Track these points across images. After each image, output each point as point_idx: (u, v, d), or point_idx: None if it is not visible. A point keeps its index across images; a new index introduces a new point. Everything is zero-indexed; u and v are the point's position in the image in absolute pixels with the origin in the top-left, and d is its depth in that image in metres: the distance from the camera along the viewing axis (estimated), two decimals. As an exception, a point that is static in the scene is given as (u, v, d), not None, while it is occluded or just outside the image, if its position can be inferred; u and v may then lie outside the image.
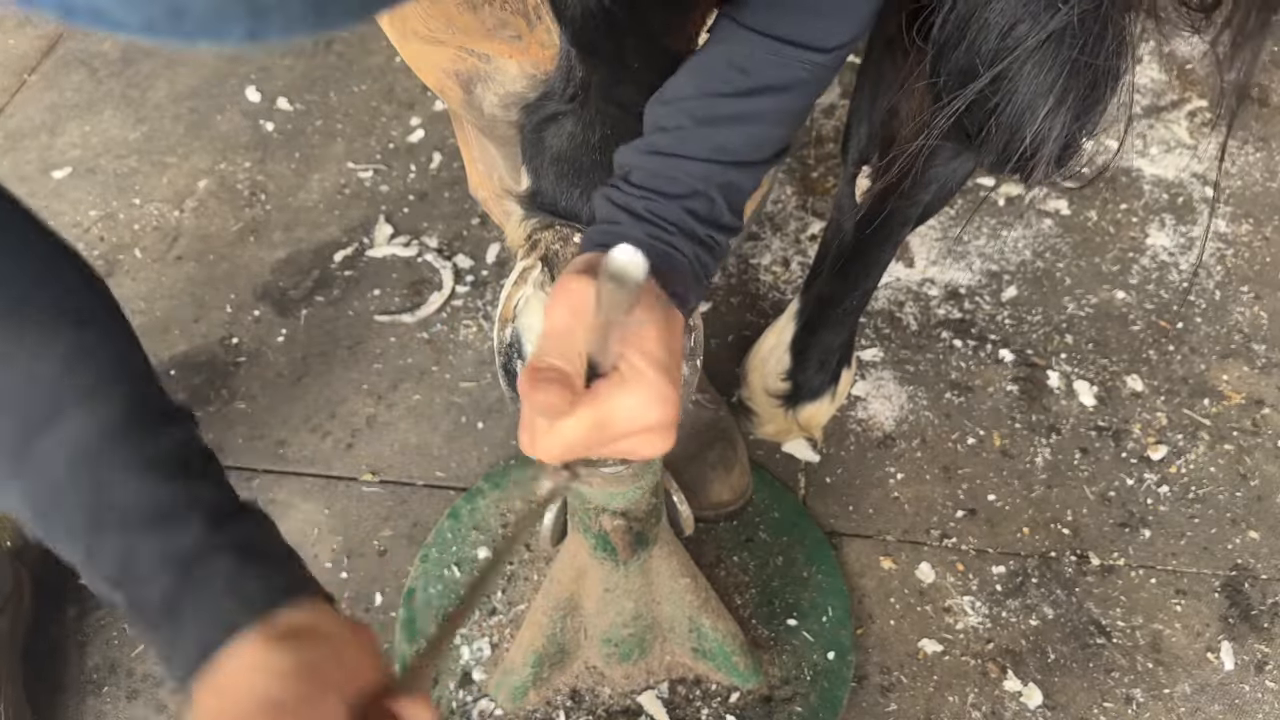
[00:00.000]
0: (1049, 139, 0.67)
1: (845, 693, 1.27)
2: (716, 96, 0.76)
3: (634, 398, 0.65)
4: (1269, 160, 1.88)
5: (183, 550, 0.58)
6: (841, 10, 0.75)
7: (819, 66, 0.76)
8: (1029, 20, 0.63)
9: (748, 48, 0.75)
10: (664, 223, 0.75)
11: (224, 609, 0.58)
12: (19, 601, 1.29)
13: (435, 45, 0.85)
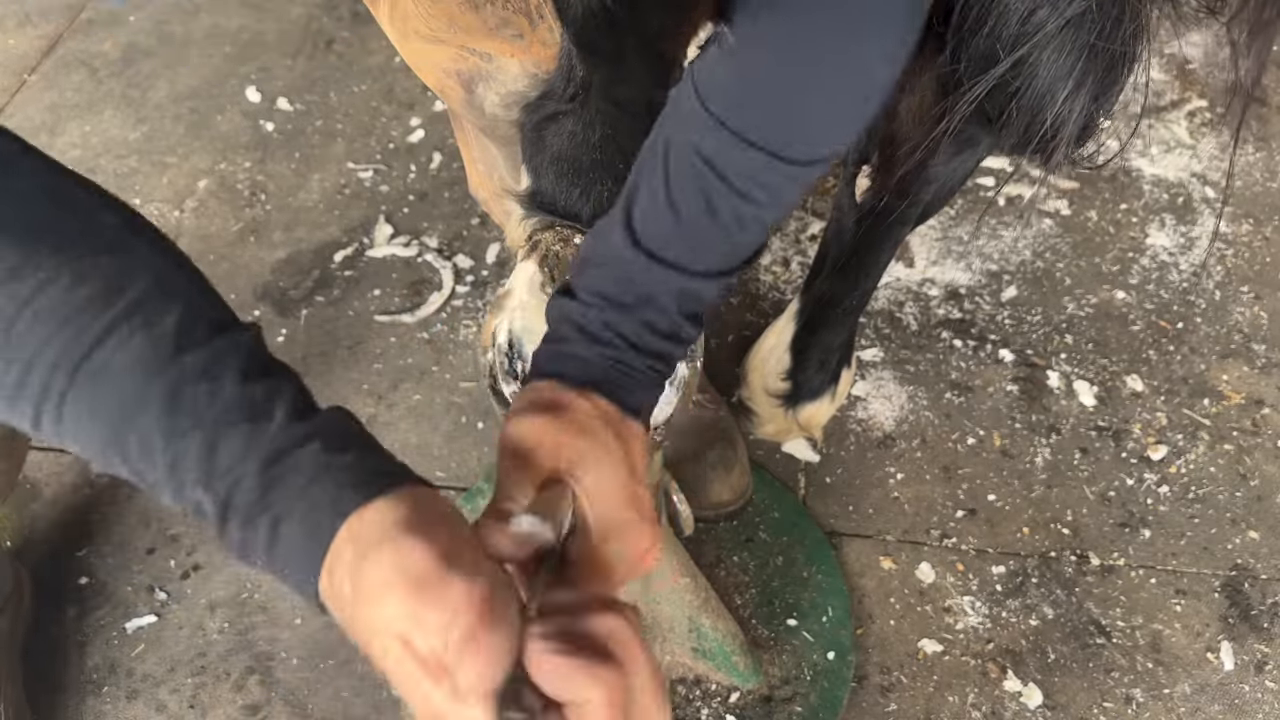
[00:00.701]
0: (1069, 120, 0.68)
1: (845, 693, 1.27)
2: (687, 198, 0.74)
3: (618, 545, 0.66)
4: (1269, 160, 1.89)
5: (268, 442, 0.56)
6: (829, 127, 0.73)
7: (796, 178, 0.74)
8: (1048, 5, 0.63)
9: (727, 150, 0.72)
10: (618, 340, 0.73)
11: (323, 495, 0.56)
12: (19, 601, 1.29)
13: (436, 44, 0.85)
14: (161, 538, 1.42)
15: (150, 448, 0.56)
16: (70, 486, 1.47)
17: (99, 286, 0.56)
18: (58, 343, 0.55)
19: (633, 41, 0.75)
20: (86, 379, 0.56)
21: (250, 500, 0.56)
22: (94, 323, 0.56)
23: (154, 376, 0.56)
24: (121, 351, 0.56)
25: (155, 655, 1.32)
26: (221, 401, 0.56)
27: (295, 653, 1.32)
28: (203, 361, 0.57)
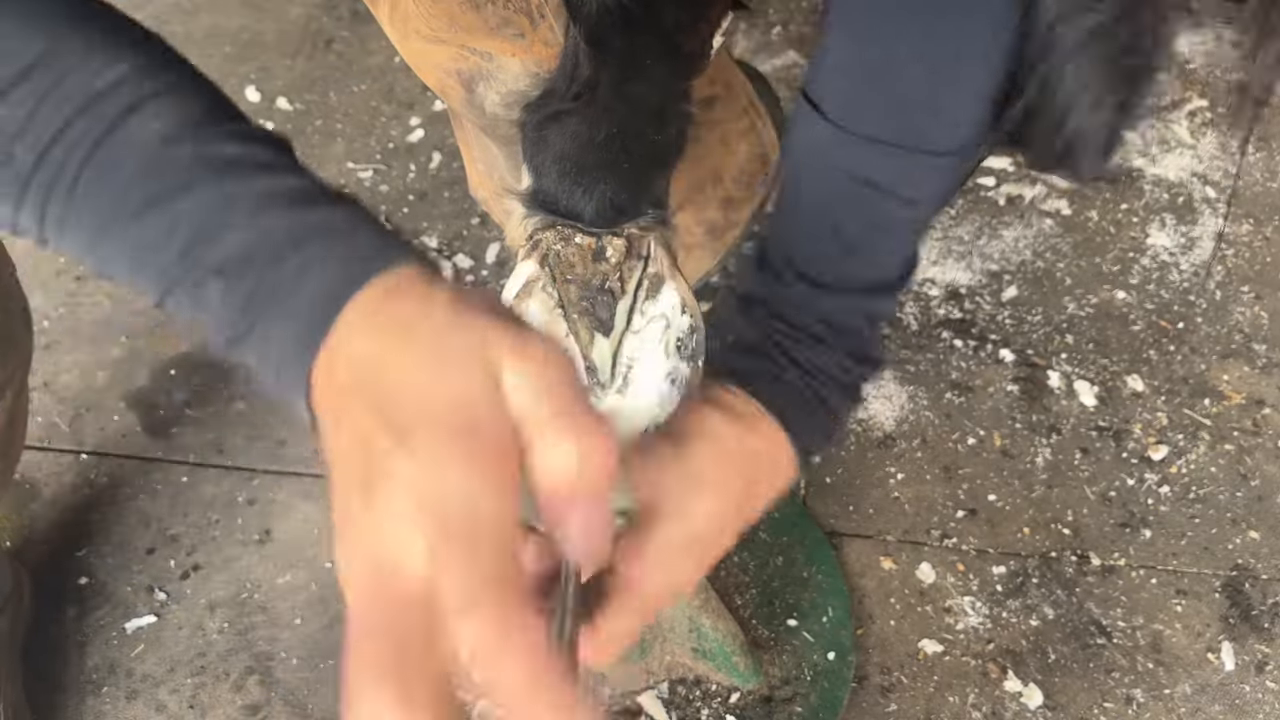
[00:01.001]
0: (1094, 133, 0.68)
1: (845, 693, 1.27)
2: (846, 216, 0.74)
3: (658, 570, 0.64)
4: (1269, 160, 1.88)
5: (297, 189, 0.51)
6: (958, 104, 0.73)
7: (944, 170, 0.74)
8: (1067, 20, 0.63)
9: (872, 158, 0.72)
10: (818, 373, 0.73)
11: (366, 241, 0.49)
12: (19, 601, 1.28)
13: (437, 44, 0.85)
14: (161, 538, 1.42)
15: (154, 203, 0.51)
16: (70, 486, 1.47)
17: (127, 70, 0.53)
18: (80, 124, 0.52)
19: (649, 39, 0.75)
20: (103, 154, 0.51)
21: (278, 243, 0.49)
22: (120, 103, 0.52)
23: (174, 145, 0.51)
24: (144, 128, 0.51)
25: (155, 655, 1.32)
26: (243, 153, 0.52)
27: (295, 653, 1.32)
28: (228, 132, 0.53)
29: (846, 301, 0.75)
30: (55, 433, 1.52)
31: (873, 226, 0.74)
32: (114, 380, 1.58)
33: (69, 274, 1.70)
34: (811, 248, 0.75)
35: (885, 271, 0.76)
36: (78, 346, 1.62)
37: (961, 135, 0.74)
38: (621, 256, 0.88)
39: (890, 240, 0.76)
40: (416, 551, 0.43)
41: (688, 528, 0.64)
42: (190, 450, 1.51)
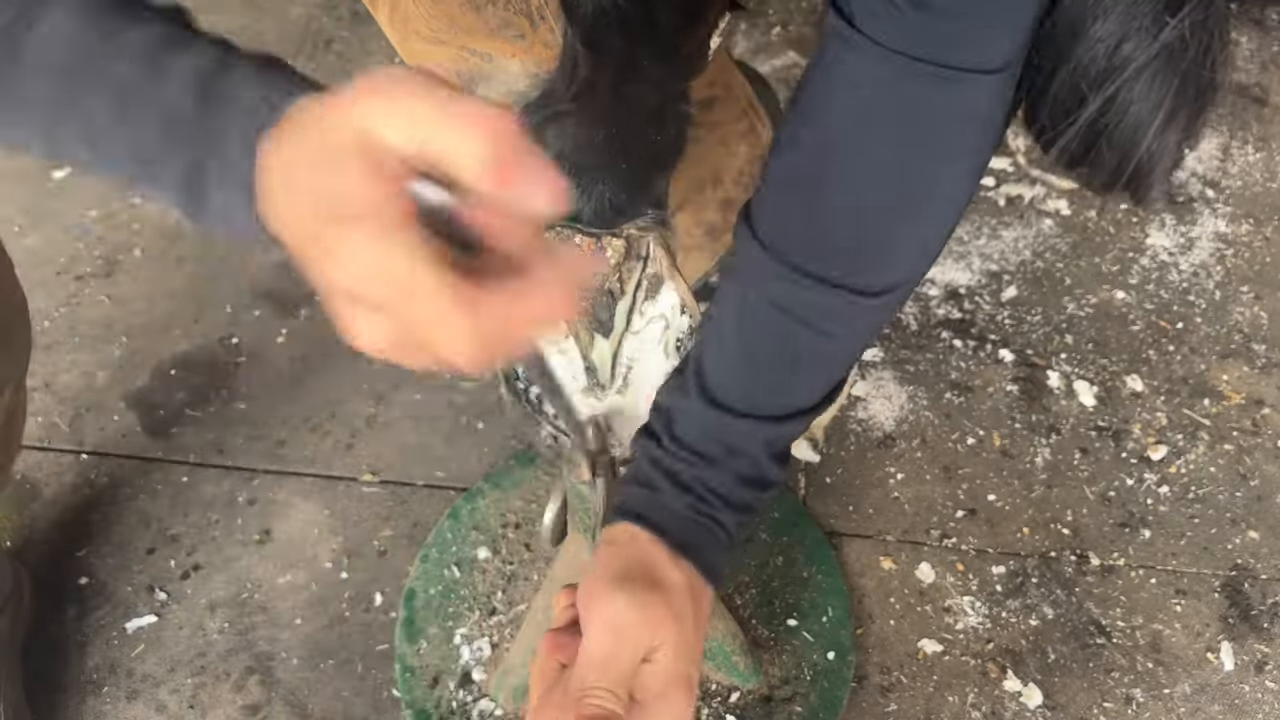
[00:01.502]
0: (1164, 154, 0.66)
1: (845, 693, 1.27)
2: (764, 342, 0.73)
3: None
4: (1269, 160, 1.89)
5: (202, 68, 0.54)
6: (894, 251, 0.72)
7: (873, 310, 0.73)
8: (1135, 36, 0.61)
9: (796, 290, 0.71)
10: (708, 493, 0.73)
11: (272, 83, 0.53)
12: (19, 601, 1.28)
13: (437, 45, 0.85)
14: (161, 538, 1.42)
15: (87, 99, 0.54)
16: (70, 486, 1.47)
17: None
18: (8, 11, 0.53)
19: (646, 40, 0.75)
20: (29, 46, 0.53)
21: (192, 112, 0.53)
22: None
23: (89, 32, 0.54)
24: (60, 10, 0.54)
25: (155, 655, 1.32)
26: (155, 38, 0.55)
27: (295, 653, 1.32)
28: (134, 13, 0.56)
29: (748, 427, 0.74)
30: (55, 433, 1.53)
31: (789, 356, 0.74)
32: (114, 380, 1.58)
33: (69, 274, 1.70)
34: (724, 368, 0.75)
35: (797, 400, 0.75)
36: (78, 346, 1.62)
37: (894, 278, 0.73)
38: (621, 257, 0.89)
39: (806, 372, 0.75)
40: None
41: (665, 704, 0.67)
42: (190, 450, 1.51)
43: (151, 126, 0.53)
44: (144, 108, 0.53)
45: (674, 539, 0.72)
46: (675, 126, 0.84)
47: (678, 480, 0.74)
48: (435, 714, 1.25)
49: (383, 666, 1.31)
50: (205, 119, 0.53)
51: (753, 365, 0.74)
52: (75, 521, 1.44)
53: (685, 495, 0.73)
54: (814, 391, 0.76)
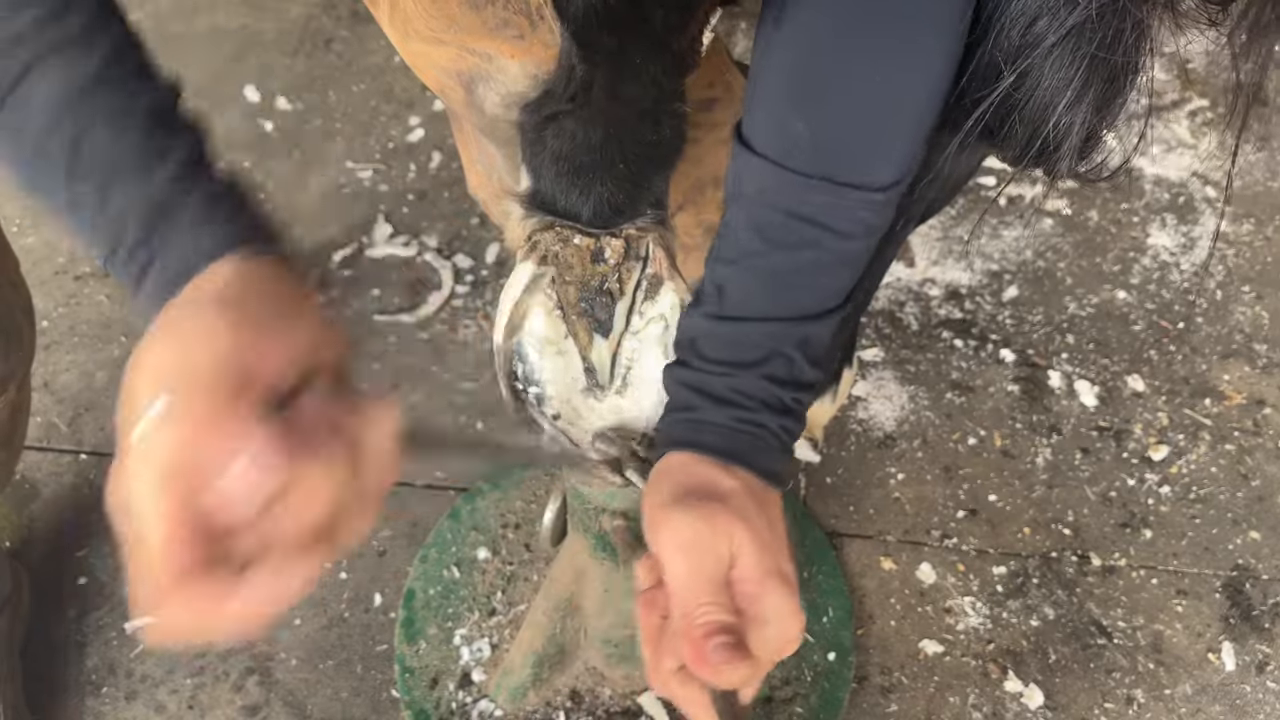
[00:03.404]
0: (1071, 132, 0.67)
1: (846, 693, 1.26)
2: (778, 249, 0.74)
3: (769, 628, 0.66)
4: (1270, 160, 1.88)
5: (152, 195, 0.58)
6: (891, 144, 0.73)
7: (878, 205, 0.74)
8: (1048, 16, 0.63)
9: (803, 193, 0.73)
10: (746, 399, 0.73)
11: (187, 250, 0.57)
12: (18, 602, 1.28)
13: (437, 45, 0.84)
14: (161, 538, 1.42)
15: (55, 183, 0.59)
16: (70, 486, 1.47)
17: (36, 17, 0.58)
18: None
19: (637, 37, 0.75)
20: (10, 110, 0.58)
21: (132, 242, 0.58)
22: (24, 54, 0.57)
23: (65, 116, 0.58)
24: (42, 85, 0.58)
25: (154, 656, 1.32)
26: (121, 148, 0.58)
27: (295, 653, 1.32)
28: (113, 107, 0.59)
29: (775, 329, 0.75)
30: (55, 433, 1.52)
31: (807, 260, 0.75)
32: (114, 380, 1.58)
33: (69, 274, 1.70)
34: (743, 284, 0.76)
35: (819, 301, 0.76)
36: (78, 346, 1.62)
37: (895, 171, 0.74)
38: (620, 258, 0.88)
39: (826, 273, 0.76)
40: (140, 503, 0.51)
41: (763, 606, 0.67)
42: (190, 450, 1.51)
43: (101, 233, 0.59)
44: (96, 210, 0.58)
45: (720, 450, 0.72)
46: (671, 125, 0.84)
47: (713, 395, 0.74)
48: (435, 714, 1.25)
49: (382, 667, 1.31)
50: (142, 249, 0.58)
51: (772, 275, 0.75)
52: (75, 521, 1.44)
53: (724, 408, 0.73)
54: (837, 292, 0.77)
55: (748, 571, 0.67)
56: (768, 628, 0.67)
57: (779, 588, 0.67)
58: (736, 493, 0.70)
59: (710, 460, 0.72)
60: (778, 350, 0.75)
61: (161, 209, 0.58)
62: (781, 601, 0.67)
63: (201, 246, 0.57)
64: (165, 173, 0.58)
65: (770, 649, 0.67)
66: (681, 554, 0.66)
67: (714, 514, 0.68)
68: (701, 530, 0.66)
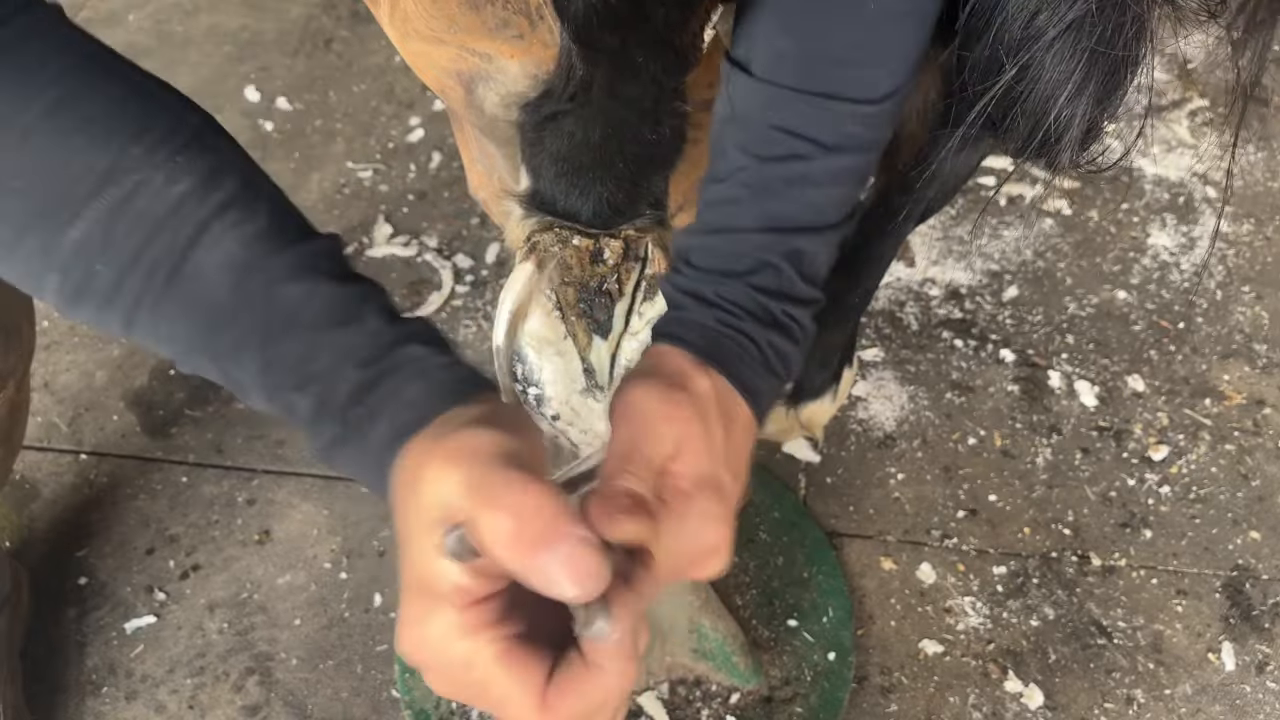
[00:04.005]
0: (1072, 125, 0.68)
1: (846, 693, 1.26)
2: (767, 162, 0.74)
3: (685, 529, 0.63)
4: (1270, 160, 1.88)
5: (366, 344, 0.57)
6: (881, 57, 0.73)
7: (870, 118, 0.74)
8: (1049, 9, 0.63)
9: (790, 108, 0.73)
10: (731, 304, 0.73)
11: (418, 394, 0.56)
12: (18, 602, 1.28)
13: (436, 45, 0.84)
14: (161, 538, 1.42)
15: (243, 348, 0.57)
16: (70, 486, 1.47)
17: (192, 185, 0.57)
18: (156, 245, 0.56)
19: (638, 36, 0.75)
20: (181, 281, 0.56)
21: (347, 397, 0.56)
22: (188, 223, 0.56)
23: (248, 277, 0.56)
24: (216, 250, 0.56)
25: (154, 656, 1.32)
26: (317, 303, 0.57)
27: (295, 653, 1.32)
28: (295, 262, 0.57)
29: (766, 239, 0.75)
30: (55, 433, 1.52)
31: (799, 175, 0.75)
32: (114, 380, 1.58)
33: (69, 274, 1.70)
34: (735, 198, 0.76)
35: (810, 216, 0.76)
36: (78, 346, 1.62)
37: (886, 84, 0.74)
38: (619, 258, 0.88)
39: (821, 189, 0.76)
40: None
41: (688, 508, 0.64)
42: (190, 450, 1.51)
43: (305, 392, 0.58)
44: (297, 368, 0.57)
45: (699, 348, 0.71)
46: (672, 124, 0.84)
47: (701, 297, 0.73)
48: (435, 714, 1.25)
49: (382, 666, 1.31)
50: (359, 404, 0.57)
51: (760, 187, 0.75)
52: (75, 521, 1.44)
53: (709, 309, 0.73)
54: (829, 207, 0.77)
55: (684, 468, 0.64)
56: (684, 528, 0.63)
57: (709, 497, 0.64)
58: (704, 392, 0.68)
59: (689, 357, 0.70)
60: (765, 260, 0.74)
61: (381, 355, 0.57)
62: (707, 510, 0.64)
63: (434, 393, 0.56)
64: (374, 319, 0.58)
65: (679, 549, 0.63)
66: (627, 427, 0.64)
67: (671, 401, 0.66)
68: (654, 411, 0.65)
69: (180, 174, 0.57)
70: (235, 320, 0.57)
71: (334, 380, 0.57)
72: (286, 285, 0.57)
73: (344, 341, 0.57)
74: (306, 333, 0.57)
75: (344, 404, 0.57)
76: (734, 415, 0.69)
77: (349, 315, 0.57)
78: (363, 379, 0.57)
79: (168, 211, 0.56)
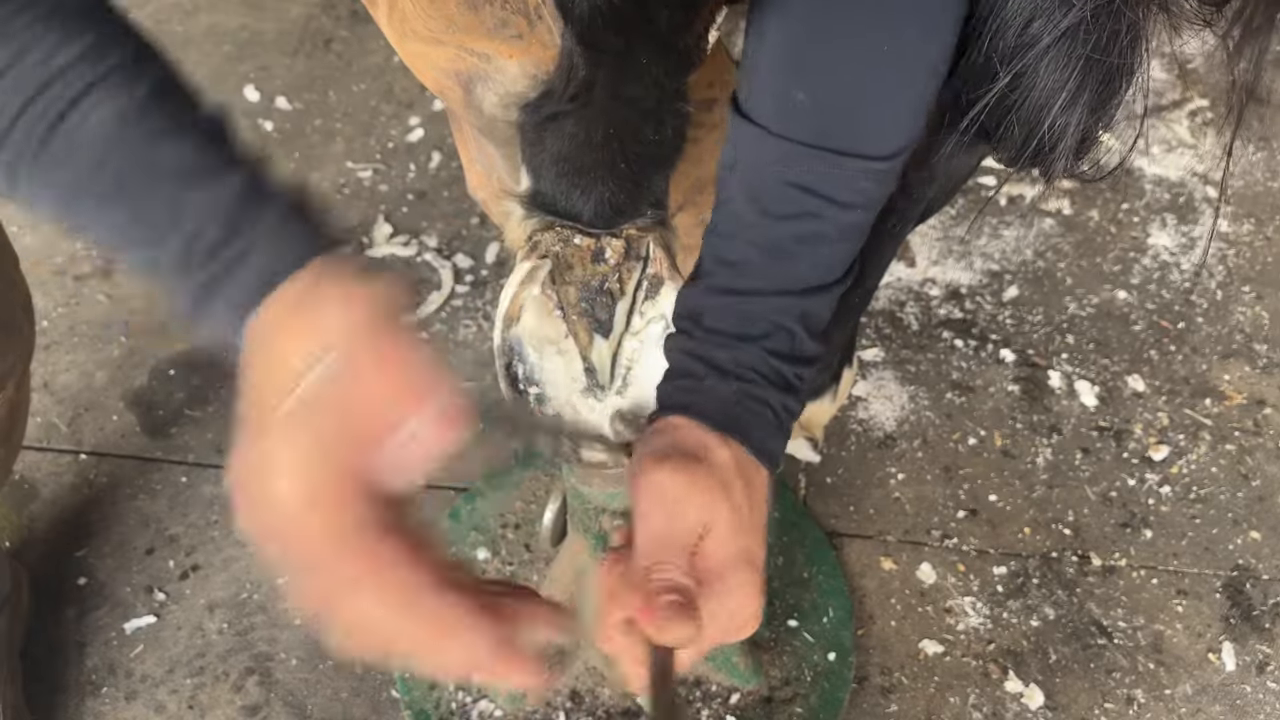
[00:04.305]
0: (1067, 133, 0.68)
1: (846, 694, 1.26)
2: (780, 220, 0.74)
3: (724, 606, 0.65)
4: (1270, 160, 1.88)
5: (231, 199, 0.56)
6: (894, 110, 0.73)
7: (881, 175, 0.74)
8: (1043, 17, 0.63)
9: (805, 164, 0.73)
10: (749, 372, 0.73)
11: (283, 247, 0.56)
12: (17, 602, 1.28)
13: (435, 45, 0.84)
14: (160, 538, 1.42)
15: (113, 199, 0.57)
16: (69, 486, 1.47)
17: (79, 51, 0.57)
18: (40, 102, 0.56)
19: (642, 37, 0.75)
20: (60, 134, 0.56)
21: (216, 239, 0.56)
22: (71, 86, 0.56)
23: (124, 130, 0.56)
24: (97, 111, 0.56)
25: (154, 656, 1.32)
26: (189, 158, 0.57)
27: (295, 653, 1.32)
28: (172, 123, 0.57)
29: (779, 303, 0.75)
30: (54, 433, 1.52)
31: (810, 232, 0.75)
32: (114, 380, 1.58)
33: (68, 274, 1.70)
34: (744, 256, 0.75)
35: (820, 274, 0.76)
36: (77, 346, 1.62)
37: (898, 140, 0.74)
38: (620, 258, 0.88)
39: (829, 246, 0.76)
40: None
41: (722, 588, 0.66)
42: (190, 450, 1.51)
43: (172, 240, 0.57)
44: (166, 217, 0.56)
45: (717, 420, 0.71)
46: (673, 124, 0.84)
47: (715, 364, 0.73)
48: (435, 714, 1.25)
49: (382, 667, 1.31)
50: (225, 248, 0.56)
51: (772, 247, 0.74)
52: (74, 521, 1.44)
53: (727, 379, 0.73)
54: (839, 264, 0.77)
55: (717, 546, 0.66)
56: (723, 606, 0.66)
57: (743, 570, 0.66)
58: (725, 464, 0.69)
59: (706, 428, 0.71)
60: (780, 324, 0.74)
61: (243, 211, 0.56)
62: (743, 583, 0.66)
63: (294, 248, 0.56)
64: (239, 178, 0.57)
65: (719, 625, 0.66)
66: (656, 509, 0.65)
67: (697, 479, 0.67)
68: (681, 491, 0.66)
69: (68, 41, 0.57)
70: (106, 170, 0.56)
71: (203, 223, 0.56)
72: (160, 143, 0.57)
73: (214, 191, 0.56)
74: (177, 182, 0.56)
75: (213, 244, 0.56)
76: (755, 482, 0.70)
77: (218, 173, 0.57)
78: (232, 220, 0.56)
79: (51, 75, 0.56)
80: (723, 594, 0.66)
